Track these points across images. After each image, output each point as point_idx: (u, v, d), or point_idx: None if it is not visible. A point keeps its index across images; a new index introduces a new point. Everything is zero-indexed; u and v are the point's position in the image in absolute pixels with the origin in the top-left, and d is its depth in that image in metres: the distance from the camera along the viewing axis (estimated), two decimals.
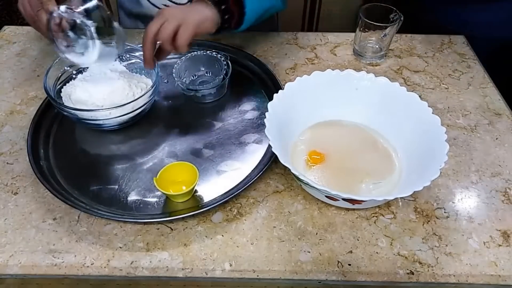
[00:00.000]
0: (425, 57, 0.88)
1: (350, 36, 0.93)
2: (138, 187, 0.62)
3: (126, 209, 0.59)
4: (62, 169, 0.64)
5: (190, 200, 0.60)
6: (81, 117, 0.65)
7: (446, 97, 0.79)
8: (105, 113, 0.64)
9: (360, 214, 0.59)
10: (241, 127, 0.71)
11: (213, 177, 0.63)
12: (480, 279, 0.53)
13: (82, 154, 0.67)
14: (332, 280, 0.53)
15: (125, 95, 0.67)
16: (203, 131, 0.70)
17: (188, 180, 0.59)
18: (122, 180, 0.63)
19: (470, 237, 0.57)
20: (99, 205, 0.59)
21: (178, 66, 0.76)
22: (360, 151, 0.65)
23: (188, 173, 0.59)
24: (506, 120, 0.74)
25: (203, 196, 0.60)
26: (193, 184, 0.58)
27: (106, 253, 0.54)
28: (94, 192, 0.61)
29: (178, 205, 0.59)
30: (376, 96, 0.66)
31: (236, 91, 0.78)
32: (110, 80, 0.69)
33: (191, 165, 0.59)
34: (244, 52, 0.84)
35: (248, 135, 0.69)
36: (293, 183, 0.63)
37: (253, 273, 0.53)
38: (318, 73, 0.66)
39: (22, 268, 0.53)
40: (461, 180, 0.64)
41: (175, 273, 0.53)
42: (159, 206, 0.59)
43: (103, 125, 0.67)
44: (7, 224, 0.57)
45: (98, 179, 0.63)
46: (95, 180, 0.63)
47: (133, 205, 0.59)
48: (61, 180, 0.62)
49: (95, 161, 0.66)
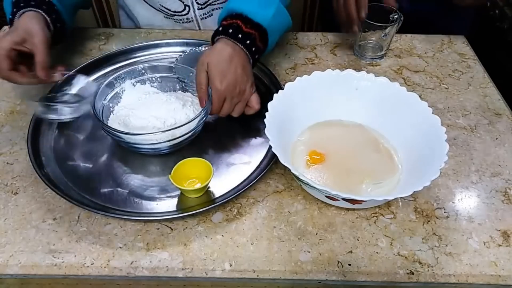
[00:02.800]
0: (425, 57, 0.88)
1: (350, 36, 0.93)
2: (138, 185, 0.62)
3: (126, 207, 0.59)
4: (63, 168, 0.64)
5: (200, 197, 0.60)
6: (129, 141, 0.62)
7: (446, 97, 0.79)
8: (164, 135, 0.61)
9: (360, 214, 0.59)
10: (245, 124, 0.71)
11: (223, 173, 0.64)
12: (480, 279, 0.53)
13: (82, 153, 0.67)
14: (332, 280, 0.53)
15: (184, 115, 0.67)
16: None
17: (201, 177, 0.59)
18: (123, 177, 0.63)
19: (470, 237, 0.57)
20: (100, 204, 0.59)
21: (178, 62, 0.75)
22: (361, 151, 0.65)
23: (201, 169, 0.59)
24: (506, 120, 0.74)
25: (214, 193, 0.61)
26: (207, 180, 0.58)
27: (106, 253, 0.54)
28: (94, 191, 0.61)
29: (185, 202, 0.60)
30: (376, 96, 0.66)
31: None
32: (165, 102, 0.69)
33: (205, 161, 0.60)
34: None
35: (252, 132, 0.69)
36: (293, 183, 0.63)
37: (253, 273, 0.53)
38: (318, 73, 0.66)
39: (22, 268, 0.53)
40: (461, 180, 0.64)
41: (175, 273, 0.53)
42: (159, 205, 0.60)
43: (158, 149, 0.64)
44: (7, 224, 0.57)
45: (99, 178, 0.63)
46: (96, 178, 0.63)
47: (133, 204, 0.59)
48: (62, 179, 0.62)
49: (95, 160, 0.66)
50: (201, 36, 0.90)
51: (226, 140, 0.69)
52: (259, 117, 0.61)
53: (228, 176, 0.63)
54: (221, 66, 0.63)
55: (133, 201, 0.60)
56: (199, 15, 0.91)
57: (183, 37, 0.88)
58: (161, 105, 0.68)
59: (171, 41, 0.86)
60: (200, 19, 0.92)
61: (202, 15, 0.91)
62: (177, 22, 0.93)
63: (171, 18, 0.93)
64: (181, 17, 0.92)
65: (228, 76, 0.63)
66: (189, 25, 0.94)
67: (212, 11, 0.92)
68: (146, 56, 0.84)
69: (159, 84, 0.73)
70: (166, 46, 0.86)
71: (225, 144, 0.68)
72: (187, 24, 0.93)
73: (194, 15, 0.91)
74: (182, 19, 0.92)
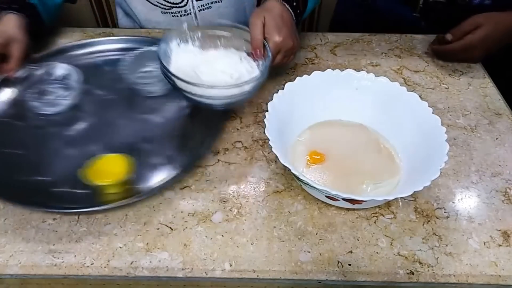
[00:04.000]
0: (425, 57, 0.88)
1: (350, 36, 0.93)
2: (69, 179, 0.61)
3: (56, 201, 0.58)
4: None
5: (123, 191, 0.60)
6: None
7: (446, 97, 0.79)
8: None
9: (360, 214, 0.59)
10: (180, 123, 0.71)
11: (148, 170, 0.63)
12: (480, 279, 0.53)
13: (13, 144, 0.66)
14: (332, 280, 0.53)
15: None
16: (142, 125, 0.70)
17: (121, 172, 0.60)
18: (54, 171, 0.62)
19: (470, 237, 0.57)
20: (28, 197, 0.58)
21: (127, 61, 0.76)
22: (361, 151, 0.65)
23: (120, 165, 0.60)
24: (506, 120, 0.74)
25: (137, 188, 0.61)
26: (124, 175, 0.58)
27: (106, 253, 0.54)
28: (24, 183, 0.60)
29: (110, 196, 0.59)
30: (376, 96, 0.66)
31: None
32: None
33: (124, 156, 0.61)
34: None
35: (185, 129, 0.70)
36: (293, 183, 0.63)
37: (253, 273, 0.53)
38: (318, 73, 0.66)
39: (22, 268, 0.53)
40: (461, 180, 0.64)
41: (175, 273, 0.53)
42: (90, 198, 0.59)
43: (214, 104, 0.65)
44: (7, 224, 0.57)
45: (29, 170, 0.62)
46: (27, 170, 0.62)
47: (64, 197, 0.59)
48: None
49: (26, 152, 0.65)
50: None
51: (162, 136, 0.69)
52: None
53: (161, 170, 0.63)
54: (276, 21, 0.69)
55: (65, 194, 0.59)
56: (197, 6, 0.91)
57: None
58: (222, 59, 0.70)
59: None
60: (198, 11, 0.92)
61: (200, 6, 0.91)
62: (175, 16, 0.93)
63: (168, 13, 0.93)
64: (179, 9, 0.91)
65: (283, 30, 0.69)
66: (186, 19, 0.94)
67: (211, 4, 0.92)
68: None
69: (200, 42, 0.73)
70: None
71: (161, 140, 0.68)
72: (185, 18, 0.93)
73: (192, 7, 0.91)
74: (180, 12, 0.92)
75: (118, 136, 0.68)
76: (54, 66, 0.77)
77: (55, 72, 0.76)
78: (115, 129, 0.69)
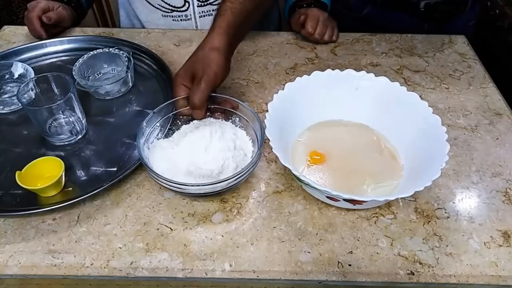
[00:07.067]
0: (425, 57, 0.88)
1: (350, 36, 0.93)
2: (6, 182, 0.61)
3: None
4: None
5: (59, 194, 0.60)
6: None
7: (446, 97, 0.78)
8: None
9: (361, 215, 0.59)
10: (131, 126, 0.70)
11: (86, 173, 0.63)
12: (481, 280, 0.53)
13: None
14: (332, 280, 0.53)
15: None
16: (93, 127, 0.70)
17: (52, 175, 0.59)
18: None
19: (470, 238, 0.57)
20: None
21: (79, 64, 0.75)
22: (361, 152, 0.65)
23: (55, 168, 0.59)
24: (507, 120, 0.74)
25: (75, 191, 0.60)
26: (57, 177, 0.57)
27: (105, 254, 0.54)
28: None
29: (47, 199, 0.59)
30: (376, 96, 0.66)
31: (139, 88, 0.78)
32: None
33: (56, 159, 0.60)
34: (145, 49, 0.83)
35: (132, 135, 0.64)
36: (293, 183, 0.63)
37: (253, 273, 0.53)
38: (318, 73, 0.66)
39: (21, 269, 0.53)
40: (461, 180, 0.64)
41: (175, 273, 0.53)
42: (30, 200, 0.59)
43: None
44: (6, 225, 0.57)
45: None
46: None
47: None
48: None
49: None
50: (201, 36, 0.90)
51: (109, 138, 0.69)
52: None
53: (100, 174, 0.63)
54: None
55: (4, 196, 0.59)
56: (198, 12, 0.91)
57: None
58: (197, 147, 0.61)
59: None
60: (199, 17, 0.92)
61: (201, 12, 0.91)
62: (175, 20, 0.93)
63: (169, 16, 0.93)
64: (180, 13, 0.91)
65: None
66: (187, 24, 0.94)
67: (212, 11, 0.91)
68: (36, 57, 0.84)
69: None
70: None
71: (108, 142, 0.68)
72: (185, 23, 0.93)
73: (193, 12, 0.91)
74: (181, 16, 0.92)
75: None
76: (11, 65, 0.77)
77: (12, 71, 0.77)
78: None
